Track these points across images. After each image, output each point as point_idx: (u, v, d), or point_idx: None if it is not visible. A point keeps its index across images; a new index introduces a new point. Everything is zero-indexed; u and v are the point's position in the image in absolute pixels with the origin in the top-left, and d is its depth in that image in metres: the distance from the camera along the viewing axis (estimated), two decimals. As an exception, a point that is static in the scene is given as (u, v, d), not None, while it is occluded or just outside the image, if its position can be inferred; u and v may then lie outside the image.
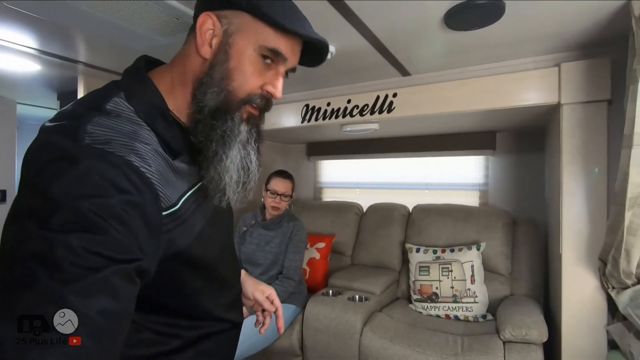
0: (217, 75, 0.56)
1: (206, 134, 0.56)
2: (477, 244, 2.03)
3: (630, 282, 1.31)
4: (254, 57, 0.56)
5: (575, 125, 1.50)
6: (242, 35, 0.55)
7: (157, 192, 0.49)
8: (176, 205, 0.53)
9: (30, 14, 1.26)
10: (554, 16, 1.27)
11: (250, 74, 0.57)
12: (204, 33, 0.56)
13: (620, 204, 1.22)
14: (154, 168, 0.49)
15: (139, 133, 0.50)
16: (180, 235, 0.54)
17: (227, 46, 0.55)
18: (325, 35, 1.46)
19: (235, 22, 0.55)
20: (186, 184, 0.57)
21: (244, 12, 0.55)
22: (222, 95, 0.56)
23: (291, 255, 1.95)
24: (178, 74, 0.59)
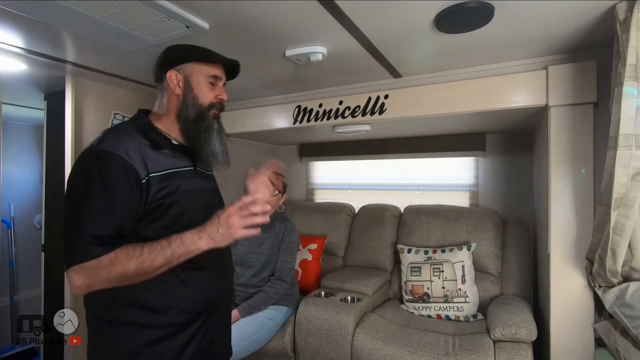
0: (189, 99, 0.99)
1: (196, 131, 0.99)
2: (468, 244, 2.05)
3: (616, 281, 1.33)
4: (205, 83, 1.00)
5: (562, 127, 1.52)
6: (194, 75, 0.99)
7: (135, 169, 0.87)
8: (156, 173, 0.90)
9: (17, 13, 1.24)
10: (541, 20, 1.29)
11: (205, 93, 1.01)
12: (174, 83, 0.98)
13: (606, 204, 1.24)
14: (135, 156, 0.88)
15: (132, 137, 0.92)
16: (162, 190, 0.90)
17: (188, 83, 0.99)
18: (318, 37, 1.48)
19: (188, 69, 0.99)
20: (169, 164, 0.94)
21: (190, 62, 0.99)
22: (197, 109, 0.99)
23: (283, 257, 1.95)
24: (163, 111, 1.01)
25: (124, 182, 0.84)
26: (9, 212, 3.00)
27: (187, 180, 0.96)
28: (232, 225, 0.88)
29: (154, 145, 0.92)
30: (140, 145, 0.90)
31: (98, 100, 2.07)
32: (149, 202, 0.87)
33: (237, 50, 1.58)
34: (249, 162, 2.82)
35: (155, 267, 0.84)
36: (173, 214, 0.91)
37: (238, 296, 1.97)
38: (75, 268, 0.81)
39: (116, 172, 0.84)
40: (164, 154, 0.93)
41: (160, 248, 0.84)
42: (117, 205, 0.83)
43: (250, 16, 1.27)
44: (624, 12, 1.14)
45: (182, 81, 0.97)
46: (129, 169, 0.85)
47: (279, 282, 1.90)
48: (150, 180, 0.87)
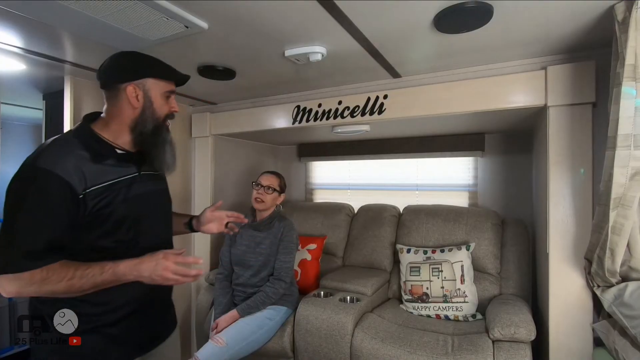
0: (148, 113, 1.03)
1: (152, 143, 1.05)
2: (467, 244, 2.06)
3: (614, 281, 1.34)
4: (161, 98, 1.05)
5: (561, 127, 1.53)
6: (152, 90, 1.03)
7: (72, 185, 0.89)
8: (94, 187, 0.92)
9: (16, 12, 1.24)
10: (540, 20, 1.30)
11: (162, 107, 1.06)
12: (132, 97, 1.00)
13: (604, 204, 1.25)
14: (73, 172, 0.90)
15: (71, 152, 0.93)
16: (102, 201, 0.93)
17: (148, 97, 1.03)
18: (317, 37, 1.48)
19: (147, 84, 1.02)
20: (111, 175, 0.97)
21: (149, 77, 1.02)
22: (154, 122, 1.04)
23: (282, 256, 1.95)
24: (114, 118, 1.02)
25: (59, 200, 0.87)
26: (8, 212, 2.98)
27: (129, 187, 1.00)
28: (165, 275, 0.93)
29: (95, 156, 0.95)
30: (80, 160, 0.92)
31: (97, 100, 2.06)
32: (87, 215, 0.91)
33: (236, 50, 1.58)
34: (248, 162, 2.84)
35: (83, 290, 0.90)
36: (112, 222, 0.95)
37: (237, 296, 1.97)
38: (9, 276, 0.86)
39: (52, 190, 0.87)
40: (106, 165, 0.96)
41: (92, 275, 0.89)
42: (50, 222, 0.87)
43: (249, 16, 1.27)
44: (623, 12, 1.15)
45: (141, 95, 1.01)
46: (64, 186, 0.88)
47: (277, 282, 1.90)
48: (86, 195, 0.91)
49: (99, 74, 1.04)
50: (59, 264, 0.88)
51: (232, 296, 1.98)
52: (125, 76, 1.00)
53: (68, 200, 0.88)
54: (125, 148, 1.02)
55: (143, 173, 1.05)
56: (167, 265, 0.92)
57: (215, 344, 1.66)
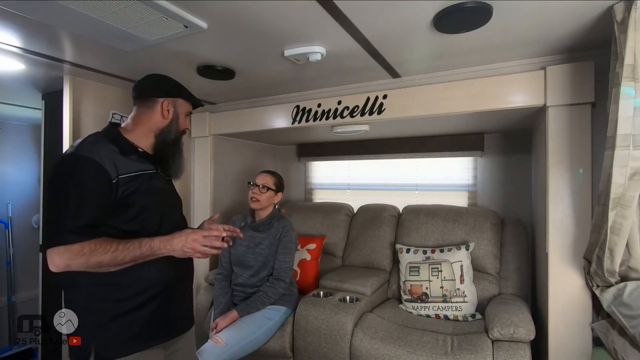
0: (173, 125, 1.23)
1: (172, 150, 1.23)
2: (466, 244, 2.06)
3: (614, 281, 1.34)
4: (183, 115, 1.26)
5: (560, 127, 1.53)
6: (180, 107, 1.24)
7: (107, 171, 1.03)
8: (124, 174, 1.06)
9: (15, 12, 1.24)
10: (540, 20, 1.30)
11: (183, 122, 1.26)
12: (165, 109, 1.20)
13: (604, 204, 1.25)
14: (107, 160, 1.04)
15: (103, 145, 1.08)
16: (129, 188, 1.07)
17: (176, 114, 1.23)
18: (316, 37, 1.47)
19: (177, 102, 1.23)
20: (136, 168, 1.11)
21: (179, 98, 1.24)
22: (176, 134, 1.24)
23: (281, 256, 1.95)
24: (141, 124, 1.19)
25: (98, 181, 1.01)
26: (7, 212, 2.99)
27: (149, 181, 1.14)
28: (195, 247, 1.08)
29: (123, 151, 1.10)
30: (111, 152, 1.07)
31: (96, 99, 2.06)
32: (118, 199, 1.04)
33: (235, 49, 1.57)
34: (247, 162, 2.84)
35: (125, 262, 1.02)
36: (136, 209, 1.08)
37: (237, 296, 1.97)
38: (59, 249, 0.96)
39: (91, 173, 1.01)
40: (131, 159, 1.11)
41: (132, 249, 1.01)
42: (91, 201, 1.00)
43: (248, 16, 1.27)
44: (622, 12, 1.15)
45: (172, 110, 1.21)
46: (102, 171, 1.01)
47: (277, 282, 1.90)
48: (119, 181, 1.04)
49: (139, 86, 1.23)
50: (103, 239, 1.00)
51: (232, 296, 1.98)
52: (164, 93, 1.21)
53: (105, 183, 1.01)
54: (145, 150, 1.18)
55: (159, 172, 1.20)
56: (196, 237, 1.08)
57: (215, 343, 1.66)
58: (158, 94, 1.20)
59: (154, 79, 1.25)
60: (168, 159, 1.22)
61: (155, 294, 1.11)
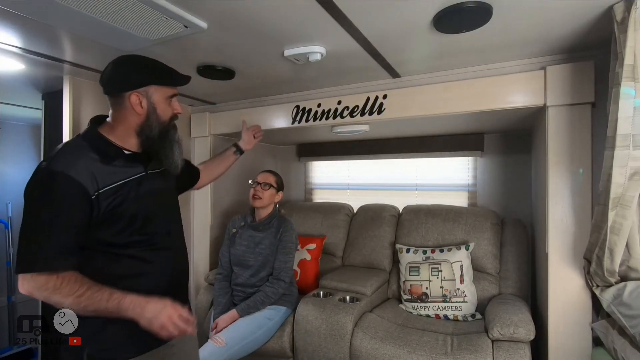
0: (153, 118, 1.06)
1: (160, 146, 1.09)
2: (466, 244, 2.06)
3: (613, 280, 1.34)
4: (164, 102, 1.08)
5: (560, 127, 1.53)
6: (156, 95, 1.06)
7: (85, 187, 0.92)
8: (105, 187, 0.96)
9: (15, 12, 1.24)
10: (540, 20, 1.30)
11: (165, 110, 1.09)
12: (136, 104, 1.04)
13: (603, 204, 1.25)
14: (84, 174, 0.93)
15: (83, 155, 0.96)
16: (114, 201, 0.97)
17: (151, 104, 1.06)
18: (316, 37, 1.47)
19: (150, 91, 1.05)
20: (120, 176, 1.00)
21: (151, 85, 1.05)
22: (160, 126, 1.08)
23: (281, 256, 1.95)
24: (120, 123, 1.05)
25: (73, 200, 0.92)
26: (7, 212, 2.99)
27: (138, 186, 1.04)
28: (166, 324, 0.93)
29: (105, 158, 0.99)
30: (90, 162, 0.96)
31: (96, 99, 2.06)
32: (101, 214, 0.95)
33: (235, 49, 1.58)
34: (247, 162, 2.83)
35: (86, 311, 0.92)
36: (126, 219, 0.99)
37: (236, 296, 1.97)
38: (26, 276, 0.89)
39: (65, 191, 0.91)
40: (115, 166, 1.00)
41: (99, 299, 0.91)
42: (66, 222, 0.91)
43: (248, 16, 1.27)
44: (622, 12, 1.15)
45: (144, 102, 1.04)
46: (78, 188, 0.92)
47: (277, 282, 1.90)
48: (99, 195, 0.95)
49: (102, 80, 1.07)
50: (74, 277, 0.91)
51: (232, 296, 1.98)
52: (128, 85, 1.03)
53: (82, 201, 0.92)
54: (132, 150, 1.07)
55: (150, 172, 1.09)
56: (171, 314, 0.94)
57: (215, 343, 1.66)
58: (124, 87, 1.03)
59: (115, 68, 1.06)
60: (159, 155, 1.09)
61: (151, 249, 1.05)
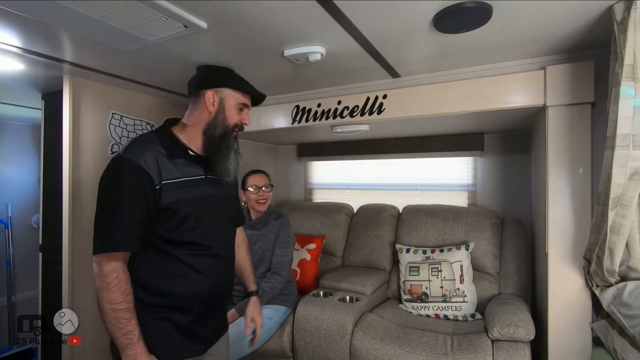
0: (220, 119, 1.12)
1: (218, 147, 1.11)
2: (466, 244, 2.06)
3: (613, 280, 1.34)
4: (234, 108, 1.14)
5: (560, 127, 1.53)
6: (228, 99, 1.13)
7: (151, 176, 0.99)
8: (167, 180, 1.02)
9: (15, 12, 1.24)
10: (539, 20, 1.30)
11: (233, 116, 1.14)
12: (209, 101, 1.11)
13: (603, 204, 1.25)
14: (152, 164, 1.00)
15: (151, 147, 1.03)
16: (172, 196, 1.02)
17: (222, 105, 1.12)
18: (316, 37, 1.47)
19: (224, 93, 1.13)
20: (181, 173, 1.05)
21: (226, 87, 1.13)
22: (223, 128, 1.12)
23: (278, 250, 1.95)
24: (191, 121, 1.13)
25: (141, 187, 0.98)
26: (7, 212, 2.99)
27: (195, 188, 1.08)
28: None
29: (170, 154, 1.05)
30: (158, 155, 1.02)
31: (96, 99, 2.06)
32: (160, 205, 1.00)
33: (235, 49, 1.57)
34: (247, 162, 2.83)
35: (105, 323, 0.96)
36: (178, 219, 1.03)
37: (236, 296, 1.97)
38: (100, 257, 0.95)
39: (135, 178, 0.97)
40: (177, 164, 1.06)
41: (122, 326, 0.94)
42: (136, 206, 0.97)
43: (248, 16, 1.27)
44: (622, 12, 1.15)
45: (217, 102, 1.11)
46: (146, 176, 0.98)
47: (273, 276, 1.90)
48: (162, 187, 1.00)
49: (190, 81, 1.16)
50: (128, 289, 0.96)
51: (231, 296, 1.98)
52: (208, 83, 1.12)
53: (148, 189, 0.98)
54: (196, 152, 1.12)
55: (209, 177, 1.13)
56: None
57: (215, 343, 1.66)
58: (203, 85, 1.12)
59: (203, 70, 1.18)
60: (214, 157, 1.11)
61: (192, 308, 1.08)
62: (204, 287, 1.08)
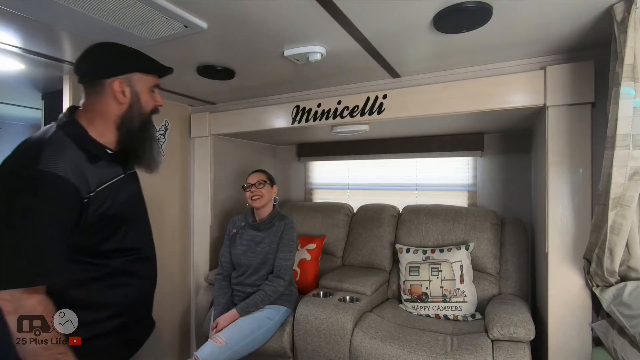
0: (135, 109, 0.99)
1: (139, 140, 1.01)
2: (466, 244, 2.06)
3: (613, 280, 1.34)
4: (147, 93, 1.02)
5: (560, 127, 1.53)
6: (139, 85, 1.00)
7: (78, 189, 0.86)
8: (97, 189, 0.90)
9: (15, 12, 1.24)
10: (539, 20, 1.30)
11: (148, 102, 1.03)
12: (118, 93, 0.96)
13: (603, 203, 1.25)
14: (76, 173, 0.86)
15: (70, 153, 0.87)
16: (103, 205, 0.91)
17: (135, 93, 0.99)
18: (316, 37, 1.47)
19: (133, 79, 0.99)
20: (105, 177, 0.94)
21: (135, 72, 0.99)
22: (141, 118, 1.01)
23: (282, 254, 1.95)
24: (98, 115, 0.96)
25: (67, 204, 0.83)
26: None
27: (120, 190, 0.97)
28: None
29: (91, 157, 0.91)
30: (80, 161, 0.87)
31: (96, 100, 2.06)
32: (89, 218, 0.88)
33: (235, 49, 1.57)
34: (247, 162, 2.83)
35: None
36: (113, 225, 0.94)
37: (236, 296, 1.97)
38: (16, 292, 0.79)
39: (60, 194, 0.82)
40: (99, 166, 0.92)
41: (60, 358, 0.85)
42: (59, 229, 0.82)
43: (248, 15, 1.27)
44: (622, 12, 1.15)
45: (127, 91, 0.97)
46: (73, 191, 0.84)
47: (276, 280, 1.90)
48: (90, 199, 0.87)
49: (78, 67, 0.98)
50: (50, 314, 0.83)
51: (232, 296, 1.98)
52: (111, 71, 0.95)
53: (75, 205, 0.84)
54: (110, 147, 0.99)
55: (128, 173, 1.04)
56: None
57: (215, 343, 1.66)
58: (105, 73, 0.95)
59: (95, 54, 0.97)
60: (138, 151, 1.01)
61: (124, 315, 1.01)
62: (141, 293, 1.04)
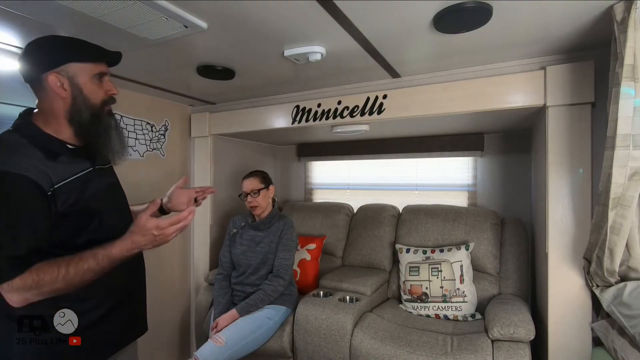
0: (80, 101, 0.95)
1: (94, 132, 0.98)
2: (466, 244, 2.06)
3: (613, 280, 1.34)
4: (92, 82, 0.96)
5: (560, 127, 1.53)
6: (78, 75, 0.94)
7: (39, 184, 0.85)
8: (59, 183, 0.89)
9: (13, 12, 1.24)
10: (540, 20, 1.30)
11: (95, 92, 0.97)
12: (56, 87, 0.92)
13: (603, 203, 1.25)
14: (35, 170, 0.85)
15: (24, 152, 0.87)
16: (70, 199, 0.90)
17: (75, 84, 0.94)
18: (316, 37, 1.47)
19: (71, 70, 0.93)
20: (68, 173, 0.92)
21: (71, 62, 0.93)
22: (90, 109, 0.96)
23: (281, 253, 1.95)
24: (48, 113, 0.95)
25: (31, 199, 0.84)
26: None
27: (89, 183, 0.96)
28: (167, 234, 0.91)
29: (50, 155, 0.90)
30: (37, 158, 0.87)
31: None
32: (58, 213, 0.88)
33: (235, 49, 1.57)
34: (247, 162, 2.83)
35: (85, 282, 0.88)
36: (82, 219, 0.93)
37: (237, 296, 1.97)
38: (3, 287, 0.83)
39: (22, 190, 0.83)
40: (62, 162, 0.91)
41: (88, 268, 0.86)
42: (28, 224, 0.84)
43: (248, 16, 1.27)
44: (622, 12, 1.15)
45: (66, 84, 0.92)
46: (34, 186, 0.84)
47: (276, 279, 1.90)
48: (55, 192, 0.87)
49: (20, 68, 0.95)
50: (47, 264, 0.85)
51: (232, 296, 1.98)
52: (44, 65, 0.91)
53: (40, 200, 0.85)
54: (72, 142, 0.97)
55: (98, 167, 1.02)
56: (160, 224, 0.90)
57: (215, 343, 1.66)
58: (38, 69, 0.92)
59: (31, 50, 0.94)
60: (96, 144, 0.99)
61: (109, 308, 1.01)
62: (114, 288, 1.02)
